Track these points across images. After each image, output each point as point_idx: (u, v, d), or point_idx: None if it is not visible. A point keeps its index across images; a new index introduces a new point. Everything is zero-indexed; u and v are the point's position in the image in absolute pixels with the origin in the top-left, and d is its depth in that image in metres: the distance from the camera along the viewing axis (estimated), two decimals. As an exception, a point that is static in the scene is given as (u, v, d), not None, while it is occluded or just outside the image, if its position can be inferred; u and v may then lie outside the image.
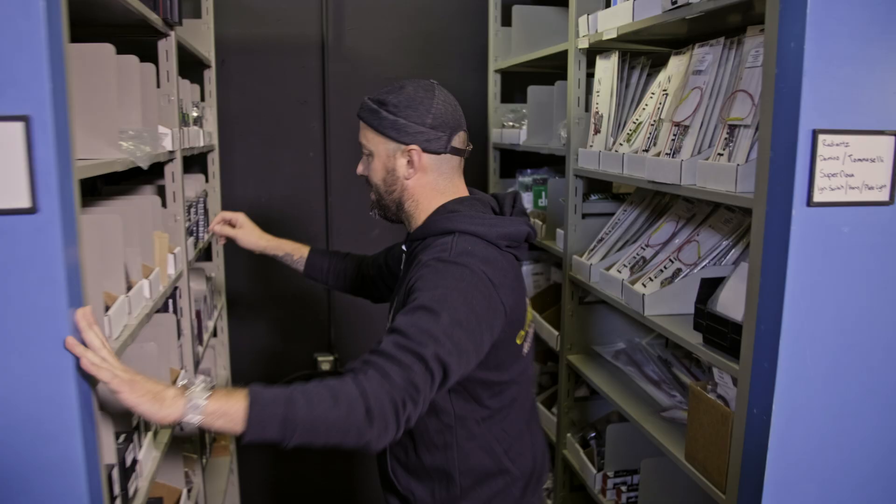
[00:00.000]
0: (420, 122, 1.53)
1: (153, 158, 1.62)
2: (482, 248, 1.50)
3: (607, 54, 2.34)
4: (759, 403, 1.49)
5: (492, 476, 1.60)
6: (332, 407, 1.24)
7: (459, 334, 1.36)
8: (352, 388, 1.26)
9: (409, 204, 1.62)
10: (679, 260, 2.05)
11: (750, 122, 1.62)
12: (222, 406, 1.22)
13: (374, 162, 1.61)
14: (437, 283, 1.41)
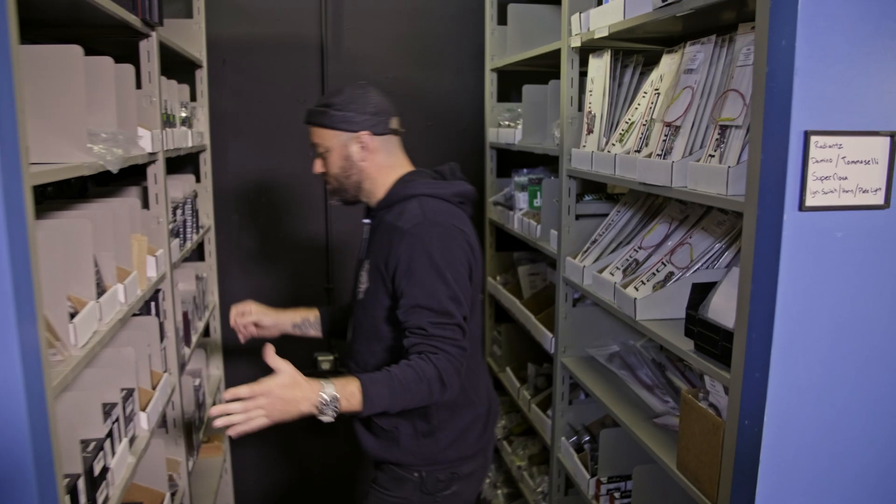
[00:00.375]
0: (364, 112, 1.82)
1: (126, 161, 1.59)
2: (444, 206, 1.81)
3: (600, 53, 2.29)
4: (750, 414, 1.44)
5: (461, 408, 1.89)
6: (419, 385, 1.63)
7: (463, 286, 1.73)
8: (431, 368, 1.64)
9: (367, 183, 1.88)
10: (672, 263, 2.01)
11: (741, 123, 1.58)
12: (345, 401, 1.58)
13: (329, 156, 1.86)
14: (427, 250, 1.70)
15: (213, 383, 3.23)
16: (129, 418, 1.78)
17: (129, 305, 1.70)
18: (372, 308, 1.84)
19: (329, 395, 1.55)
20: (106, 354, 1.75)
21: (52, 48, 1.35)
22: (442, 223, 1.75)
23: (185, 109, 2.56)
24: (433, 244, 1.71)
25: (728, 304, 1.60)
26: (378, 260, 1.81)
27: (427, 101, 3.49)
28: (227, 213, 3.38)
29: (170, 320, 2.22)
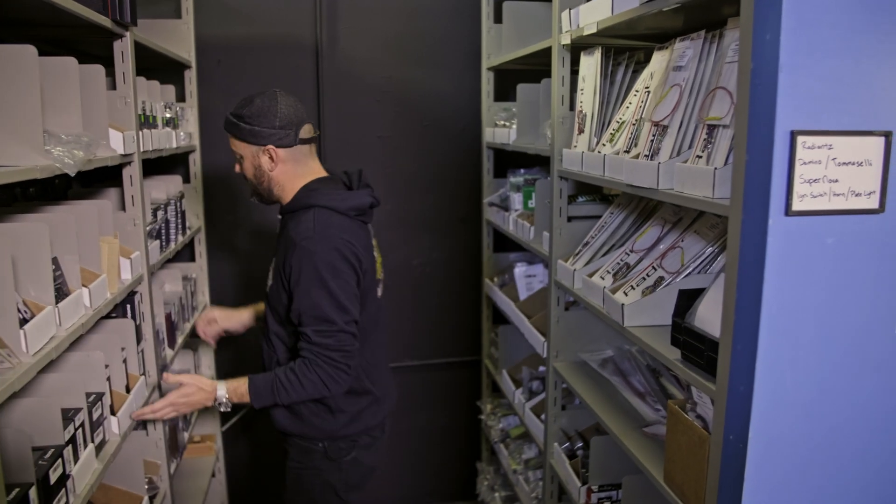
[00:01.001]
0: (270, 126, 1.94)
1: (89, 164, 1.54)
2: (337, 219, 1.96)
3: (591, 50, 2.23)
4: (735, 429, 1.38)
5: (359, 395, 2.11)
6: (301, 387, 1.94)
7: (349, 294, 1.93)
8: (313, 374, 1.93)
9: (276, 189, 2.04)
10: (662, 267, 1.94)
11: (729, 122, 1.51)
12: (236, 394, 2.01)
13: (244, 163, 2.03)
14: (314, 263, 1.89)
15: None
16: (97, 423, 1.73)
17: (95, 310, 1.65)
18: (275, 302, 2.04)
19: (222, 396, 2.00)
20: (73, 359, 1.71)
21: (4, 48, 1.30)
22: (331, 237, 1.92)
23: (169, 110, 2.52)
24: (319, 258, 1.89)
25: (715, 313, 1.53)
26: (279, 262, 2.00)
27: (424, 101, 3.43)
28: (220, 214, 3.34)
29: (148, 322, 2.18)
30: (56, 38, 2.12)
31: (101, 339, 1.87)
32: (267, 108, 1.93)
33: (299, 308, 1.91)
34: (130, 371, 2.05)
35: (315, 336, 1.91)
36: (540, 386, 2.93)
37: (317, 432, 2.10)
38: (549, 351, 2.52)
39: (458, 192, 3.55)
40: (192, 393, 2.00)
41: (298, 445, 2.15)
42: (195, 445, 3.20)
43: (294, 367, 1.94)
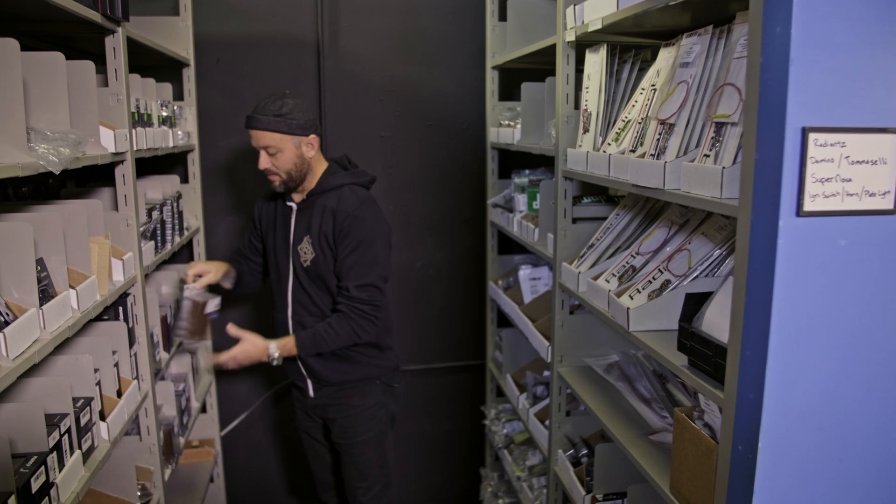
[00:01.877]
0: (308, 119, 2.28)
1: (75, 162, 1.50)
2: (364, 192, 2.38)
3: (596, 47, 2.17)
4: (744, 439, 1.32)
5: (390, 334, 2.53)
6: (337, 337, 2.31)
7: (386, 256, 2.35)
8: (346, 325, 2.30)
9: (309, 175, 2.34)
10: (668, 270, 1.88)
11: (737, 120, 1.45)
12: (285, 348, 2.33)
13: (282, 156, 2.25)
14: (361, 228, 2.27)
15: (202, 387, 3.14)
16: (85, 428, 1.69)
17: (83, 312, 1.61)
18: (323, 271, 2.33)
19: (273, 351, 2.30)
20: (59, 362, 1.66)
21: (-18, 42, 1.26)
22: (371, 206, 2.33)
23: (166, 109, 2.47)
24: (368, 224, 2.28)
25: (722, 318, 1.48)
26: (324, 234, 2.30)
27: (427, 101, 3.38)
28: (221, 214, 3.30)
29: (141, 325, 2.13)
30: (48, 34, 2.09)
31: (91, 343, 1.82)
32: (298, 104, 2.25)
33: (344, 264, 2.28)
34: (123, 375, 2.01)
35: (355, 291, 2.27)
36: (544, 391, 2.87)
37: (374, 371, 2.47)
38: (553, 355, 2.46)
39: (462, 192, 3.49)
40: (250, 349, 2.28)
41: (359, 389, 2.47)
42: (193, 450, 3.15)
43: (331, 321, 2.30)
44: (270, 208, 2.47)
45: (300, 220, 2.37)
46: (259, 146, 2.25)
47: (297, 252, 2.35)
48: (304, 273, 2.36)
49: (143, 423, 2.20)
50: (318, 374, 2.43)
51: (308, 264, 2.34)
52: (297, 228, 2.37)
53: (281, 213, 2.43)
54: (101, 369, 1.87)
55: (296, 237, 2.37)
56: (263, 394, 3.49)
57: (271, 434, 3.56)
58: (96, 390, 1.80)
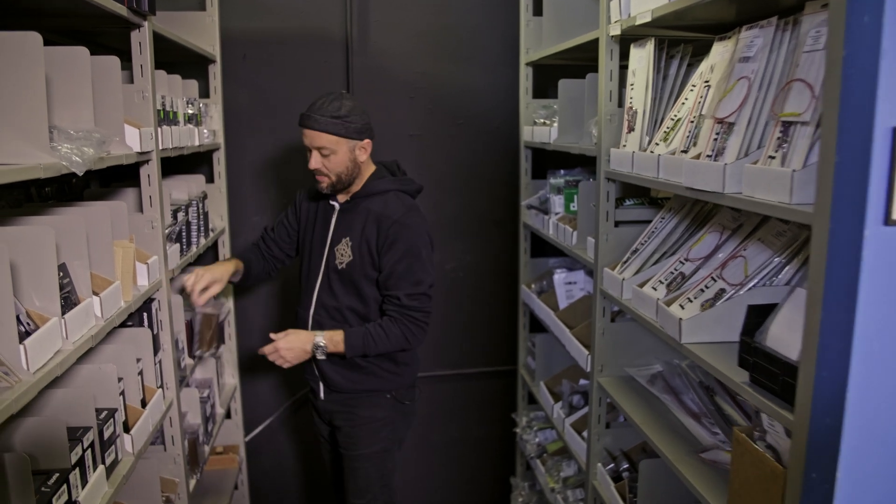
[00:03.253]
0: (365, 122, 2.22)
1: (100, 162, 1.42)
2: (410, 200, 2.33)
3: (642, 42, 2.06)
4: (819, 467, 1.20)
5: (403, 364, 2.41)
6: (388, 341, 2.24)
7: (431, 262, 2.30)
8: (397, 330, 2.24)
9: (357, 178, 2.28)
10: (722, 279, 1.77)
11: (809, 118, 1.33)
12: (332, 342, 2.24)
13: (335, 157, 2.19)
14: (408, 235, 2.22)
15: (226, 392, 3.07)
16: (108, 441, 1.61)
17: (107, 320, 1.53)
18: (357, 276, 2.27)
19: (320, 341, 2.22)
20: (82, 372, 1.59)
21: (5, 34, 1.18)
22: (417, 214, 2.29)
23: (191, 106, 2.40)
24: (415, 231, 2.24)
25: (790, 333, 1.36)
26: (365, 239, 2.25)
27: (458, 98, 3.29)
28: (246, 215, 3.22)
29: (166, 331, 2.06)
30: (70, 29, 2.02)
31: (114, 350, 1.75)
32: (356, 106, 2.19)
33: (393, 273, 2.23)
34: (147, 383, 1.93)
35: (405, 299, 2.22)
36: (581, 400, 2.76)
37: (386, 384, 2.38)
38: (592, 364, 2.35)
39: (494, 193, 3.39)
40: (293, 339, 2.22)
41: (368, 400, 2.38)
42: (217, 457, 3.08)
43: (382, 324, 2.24)
44: (312, 203, 2.42)
45: (342, 222, 2.31)
46: (313, 146, 2.18)
47: (334, 253, 2.29)
48: (337, 275, 2.30)
49: (168, 432, 2.13)
50: (330, 378, 2.37)
51: (343, 266, 2.27)
52: (337, 229, 2.31)
53: (322, 211, 2.37)
54: (124, 378, 1.80)
55: (335, 238, 2.31)
56: (287, 399, 3.41)
57: (295, 439, 3.49)
58: (120, 401, 1.73)
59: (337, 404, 2.41)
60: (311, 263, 2.37)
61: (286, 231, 2.49)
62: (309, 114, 2.16)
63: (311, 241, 2.38)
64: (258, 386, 3.35)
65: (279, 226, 2.51)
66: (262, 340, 2.73)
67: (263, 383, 3.36)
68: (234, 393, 3.14)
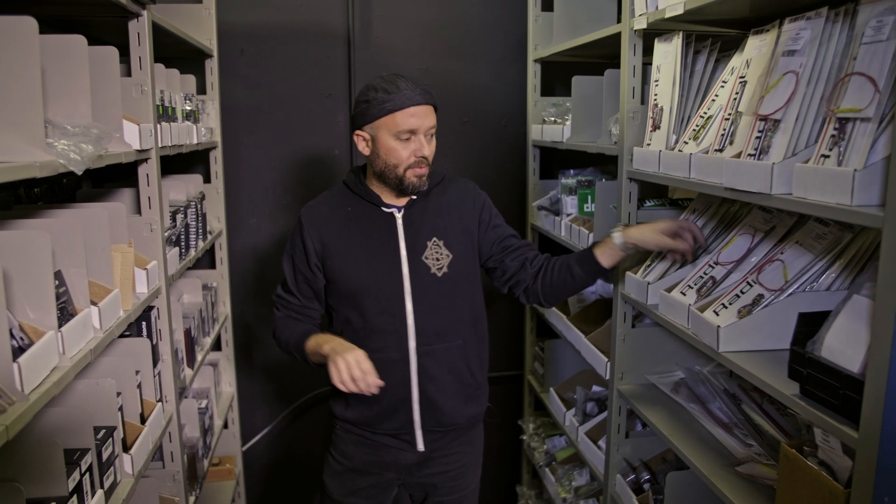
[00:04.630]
0: None
1: (98, 161, 1.30)
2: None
3: (668, 36, 1.97)
4: (893, 488, 1.11)
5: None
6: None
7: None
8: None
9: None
10: (760, 283, 1.67)
11: (871, 114, 1.24)
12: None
13: (435, 139, 1.91)
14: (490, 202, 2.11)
15: (224, 402, 2.95)
16: (107, 463, 1.50)
17: (106, 331, 1.42)
18: (467, 274, 1.98)
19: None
20: (79, 388, 1.47)
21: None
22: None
23: (189, 102, 2.28)
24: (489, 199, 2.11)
25: (849, 343, 1.27)
26: (464, 226, 1.98)
27: (463, 95, 3.19)
28: (244, 216, 3.10)
29: (166, 341, 1.94)
30: (66, 17, 1.90)
31: (112, 363, 1.63)
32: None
33: (507, 232, 2.08)
34: (146, 397, 1.82)
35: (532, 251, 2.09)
36: (595, 408, 2.67)
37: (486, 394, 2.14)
38: (612, 371, 2.26)
39: (500, 193, 3.27)
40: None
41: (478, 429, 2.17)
42: (214, 469, 2.96)
43: (556, 263, 2.07)
44: (341, 229, 1.93)
45: (412, 225, 1.93)
46: (426, 126, 1.85)
47: (423, 264, 1.91)
48: (438, 286, 1.92)
49: (167, 448, 2.01)
50: (442, 411, 1.96)
51: (446, 270, 1.93)
52: (410, 236, 1.92)
53: (372, 228, 1.93)
54: (123, 393, 1.68)
55: (413, 247, 1.91)
56: (285, 407, 3.29)
57: (293, 448, 3.37)
58: (118, 417, 1.61)
59: (440, 451, 2.03)
60: (379, 295, 1.90)
61: (311, 289, 1.98)
62: (419, 89, 1.83)
63: (373, 268, 1.91)
64: (255, 394, 3.23)
65: (302, 286, 1.97)
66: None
67: (261, 391, 3.24)
68: (231, 402, 3.02)
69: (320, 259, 1.92)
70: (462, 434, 2.07)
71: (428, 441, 1.98)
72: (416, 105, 1.81)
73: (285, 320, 1.98)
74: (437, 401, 1.94)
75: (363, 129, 1.86)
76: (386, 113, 1.80)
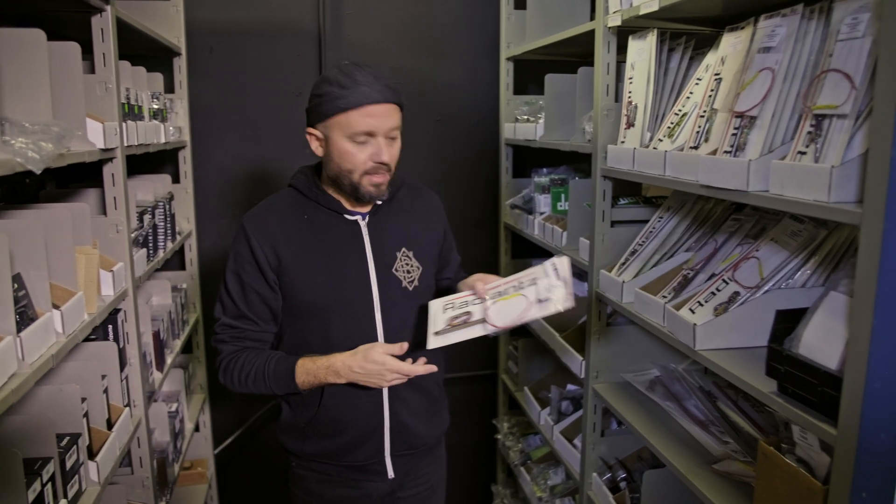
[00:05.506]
0: None
1: (59, 160, 1.26)
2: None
3: (642, 34, 1.96)
4: (871, 485, 1.11)
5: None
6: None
7: None
8: None
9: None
10: (735, 281, 1.67)
11: (848, 111, 1.24)
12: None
13: (398, 142, 1.68)
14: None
15: (195, 404, 2.89)
16: (71, 471, 1.45)
17: (69, 336, 1.37)
18: (431, 289, 1.83)
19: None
20: (41, 395, 1.42)
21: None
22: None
23: (157, 101, 2.22)
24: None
25: (826, 339, 1.28)
26: (429, 237, 1.85)
27: (436, 94, 3.17)
28: (214, 217, 3.05)
29: (133, 344, 1.89)
30: (27, 13, 1.83)
31: (77, 368, 1.58)
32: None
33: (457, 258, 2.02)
34: (113, 402, 1.77)
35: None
36: (569, 407, 2.67)
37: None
38: (587, 370, 2.25)
39: (473, 193, 3.28)
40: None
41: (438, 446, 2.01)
42: (185, 473, 2.90)
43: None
44: (298, 240, 1.70)
45: (379, 234, 1.75)
46: (387, 128, 1.62)
47: (393, 276, 1.73)
48: (408, 300, 1.75)
49: (136, 454, 1.96)
50: (413, 433, 1.81)
51: (416, 284, 1.76)
52: (377, 246, 1.73)
53: (334, 238, 1.72)
54: (88, 398, 1.63)
55: (381, 258, 1.73)
56: (258, 408, 3.24)
57: (267, 450, 3.31)
58: (83, 423, 1.56)
59: (411, 475, 1.88)
60: (346, 313, 1.71)
61: (268, 309, 1.72)
62: (379, 85, 1.59)
63: (333, 285, 1.70)
64: (227, 396, 3.17)
65: (257, 307, 1.70)
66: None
67: (233, 393, 3.18)
68: (202, 405, 2.96)
69: (276, 273, 1.69)
70: (429, 453, 1.94)
71: (398, 466, 1.82)
72: (374, 103, 1.58)
73: (240, 354, 1.68)
74: (408, 424, 1.79)
75: (316, 126, 1.65)
76: (339, 111, 1.59)
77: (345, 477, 1.80)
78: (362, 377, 1.60)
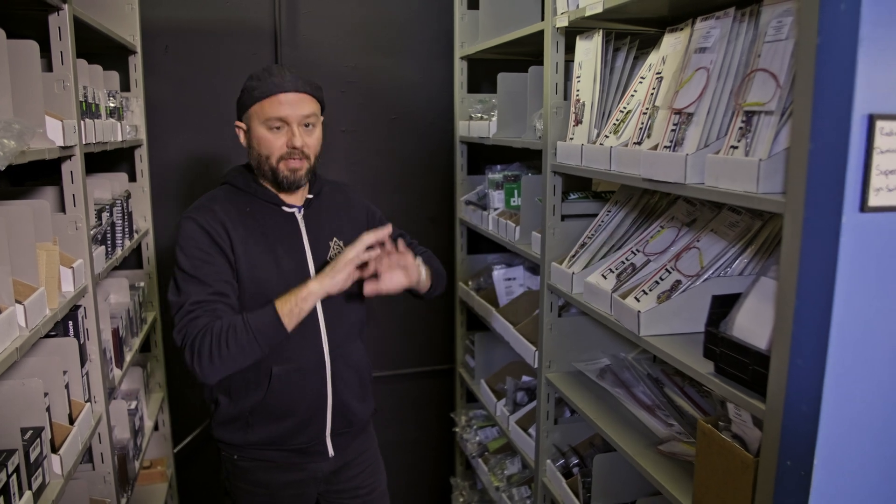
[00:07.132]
0: None
1: (20, 157, 1.28)
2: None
3: (589, 34, 2.04)
4: (794, 454, 1.20)
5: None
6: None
7: None
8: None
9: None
10: (678, 270, 1.76)
11: (774, 108, 1.33)
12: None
13: (316, 133, 1.80)
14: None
15: (154, 403, 2.90)
16: (35, 464, 1.47)
17: (32, 330, 1.39)
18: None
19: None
20: (4, 389, 1.44)
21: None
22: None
23: (113, 99, 2.23)
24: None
25: (758, 322, 1.36)
26: (356, 225, 1.93)
27: (391, 93, 3.21)
28: (171, 216, 3.05)
29: (93, 340, 1.90)
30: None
31: (39, 363, 1.60)
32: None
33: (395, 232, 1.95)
34: (74, 397, 1.78)
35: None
36: (525, 397, 2.74)
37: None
38: (540, 360, 2.33)
39: (428, 189, 3.33)
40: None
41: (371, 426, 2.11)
42: (145, 472, 2.90)
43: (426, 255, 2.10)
44: (244, 230, 1.75)
45: (314, 225, 1.85)
46: (299, 115, 1.72)
47: (328, 265, 1.74)
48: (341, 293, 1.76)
49: (97, 449, 1.97)
50: (352, 412, 1.92)
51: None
52: (312, 236, 1.84)
53: (274, 229, 1.80)
54: (50, 393, 1.65)
55: (317, 248, 1.84)
56: (218, 407, 3.25)
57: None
58: (46, 417, 1.58)
59: (351, 453, 1.98)
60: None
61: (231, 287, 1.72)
62: (289, 77, 1.72)
63: (279, 273, 1.76)
64: (187, 395, 3.18)
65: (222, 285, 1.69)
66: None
67: (192, 392, 3.19)
68: (161, 403, 2.97)
69: (232, 250, 1.71)
70: (362, 431, 2.02)
71: (337, 445, 1.90)
72: (285, 92, 1.70)
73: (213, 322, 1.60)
74: (348, 403, 1.88)
75: (241, 119, 1.79)
76: (255, 101, 1.72)
77: (290, 461, 1.86)
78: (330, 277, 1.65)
